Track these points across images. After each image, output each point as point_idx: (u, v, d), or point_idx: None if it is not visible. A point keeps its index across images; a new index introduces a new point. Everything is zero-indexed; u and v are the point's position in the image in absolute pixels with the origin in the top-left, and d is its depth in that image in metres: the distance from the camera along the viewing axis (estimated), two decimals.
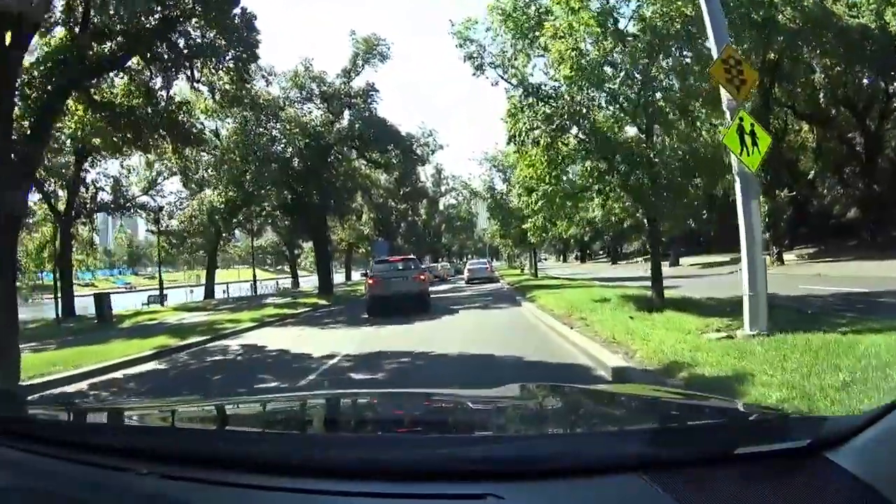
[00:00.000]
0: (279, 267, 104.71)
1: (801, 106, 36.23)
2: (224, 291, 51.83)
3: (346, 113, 33.56)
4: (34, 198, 33.25)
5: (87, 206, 35.76)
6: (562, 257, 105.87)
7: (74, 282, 38.90)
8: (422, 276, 20.82)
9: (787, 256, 35.66)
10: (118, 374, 11.16)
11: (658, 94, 11.38)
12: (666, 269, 46.85)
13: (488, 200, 35.51)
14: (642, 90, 11.51)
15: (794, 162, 40.63)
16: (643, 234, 67.94)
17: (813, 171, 40.00)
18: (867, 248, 33.77)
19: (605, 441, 1.58)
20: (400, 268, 21.18)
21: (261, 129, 29.36)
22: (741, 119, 8.85)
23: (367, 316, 19.20)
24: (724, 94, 9.18)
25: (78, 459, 1.64)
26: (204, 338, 16.00)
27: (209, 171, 32.45)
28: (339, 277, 64.95)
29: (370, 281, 20.82)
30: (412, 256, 24.21)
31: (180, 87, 22.02)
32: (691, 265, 46.50)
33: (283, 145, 31.24)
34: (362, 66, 33.64)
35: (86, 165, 32.71)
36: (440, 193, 73.19)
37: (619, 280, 28.83)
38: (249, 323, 20.09)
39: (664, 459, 1.37)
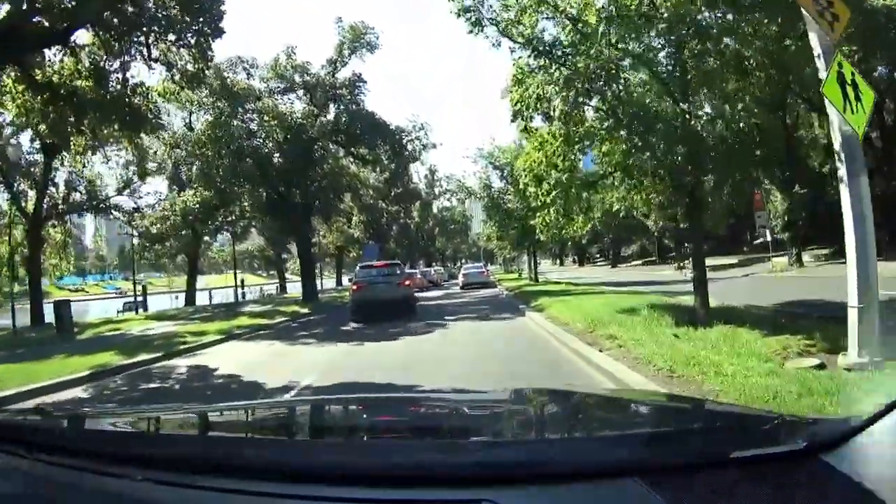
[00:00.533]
0: (271, 272, 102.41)
1: (818, 97, 33.95)
2: (208, 297, 49.56)
3: (332, 106, 31.15)
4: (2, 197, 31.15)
5: (59, 207, 33.46)
6: (558, 261, 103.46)
7: (62, 287, 36.80)
8: (406, 282, 20.25)
9: (803, 258, 33.29)
10: (32, 403, 8.74)
11: (708, 45, 8.82)
12: (668, 272, 44.62)
13: (484, 200, 32.99)
14: (686, 44, 9.01)
15: (803, 158, 38.46)
16: (644, 235, 66.52)
17: (826, 168, 37.68)
18: (884, 248, 31.46)
19: (601, 445, 1.58)
20: (384, 273, 20.61)
21: (235, 121, 26.79)
22: (840, 65, 6.45)
23: (348, 327, 17.14)
24: (814, 34, 6.75)
25: (73, 465, 1.64)
26: (155, 355, 13.72)
27: (185, 168, 29.74)
28: (330, 283, 62.64)
29: (354, 287, 20.44)
30: (397, 261, 23.50)
31: (139, 70, 19.68)
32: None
33: (260, 139, 28.76)
34: (349, 56, 31.27)
35: (56, 164, 30.52)
36: (434, 196, 70.70)
37: (630, 285, 26.45)
38: (215, 336, 17.64)
39: (660, 463, 1.38)
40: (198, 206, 31.19)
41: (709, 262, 40.02)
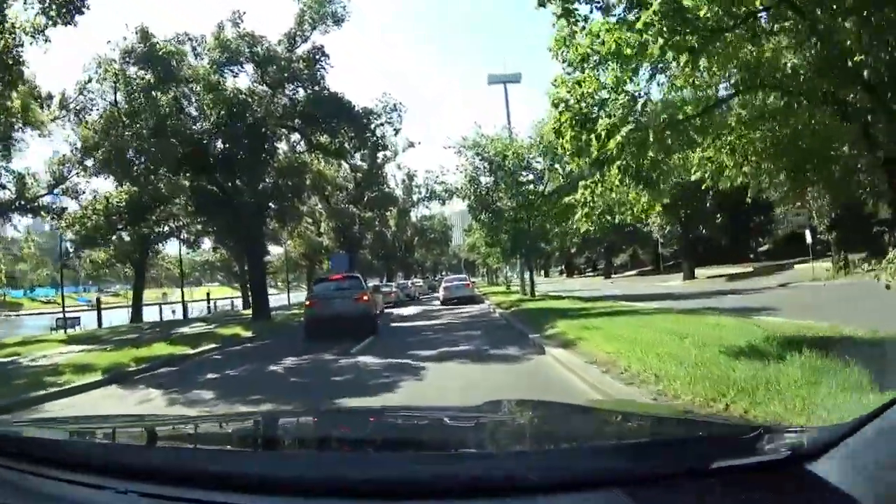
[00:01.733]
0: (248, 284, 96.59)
1: None
2: (159, 313, 44.09)
3: (288, 87, 25.87)
4: None
5: None
6: (543, 272, 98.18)
7: (35, 299, 32.36)
8: (364, 297, 18.19)
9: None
10: None
11: None
12: (674, 282, 39.81)
13: (469, 199, 27.74)
14: None
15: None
16: (639, 243, 61.65)
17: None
18: None
19: (581, 456, 1.59)
20: (341, 287, 18.47)
21: (155, 92, 21.34)
22: None
23: (279, 367, 11.97)
24: None
25: (56, 477, 1.64)
26: None
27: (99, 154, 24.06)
28: (301, 296, 56.86)
29: (308, 302, 19.00)
30: (356, 275, 20.51)
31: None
32: (709, 278, 39.44)
33: (193, 118, 23.36)
34: (310, 29, 26.09)
35: None
36: (412, 203, 65.32)
37: (647, 299, 21.46)
38: (95, 376, 12.32)
39: (640, 474, 1.38)
40: (123, 203, 25.72)
41: (719, 271, 35.33)
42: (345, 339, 14.88)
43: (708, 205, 41.20)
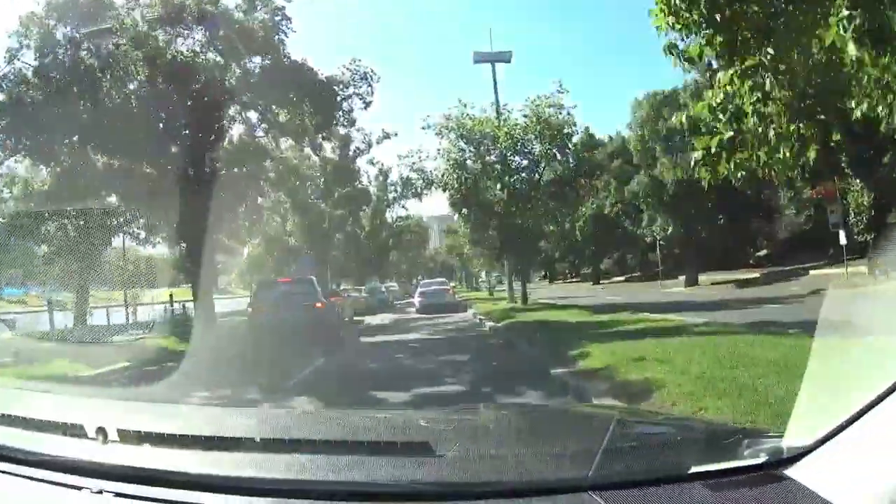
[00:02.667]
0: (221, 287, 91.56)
1: None
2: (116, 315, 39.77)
3: (243, 53, 21.86)
4: None
5: None
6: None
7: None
8: (319, 305, 15.19)
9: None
10: None
11: None
12: (680, 289, 36.39)
13: (451, 190, 23.61)
14: None
15: None
16: (627, 246, 57.90)
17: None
18: None
19: (556, 460, 1.62)
20: (290, 293, 15.40)
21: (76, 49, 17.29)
22: None
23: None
24: None
25: (28, 476, 1.65)
26: None
27: None
28: None
29: (250, 310, 16.23)
30: (310, 278, 17.26)
31: None
32: (714, 284, 36.14)
33: (123, 82, 19.28)
34: None
35: None
36: (387, 202, 61.33)
37: (670, 308, 17.92)
38: None
39: (617, 479, 1.38)
40: (47, 188, 21.51)
41: (721, 277, 31.89)
42: (292, 360, 11.40)
43: (709, 205, 37.93)
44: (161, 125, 20.88)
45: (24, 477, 1.66)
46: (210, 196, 23.42)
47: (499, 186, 21.78)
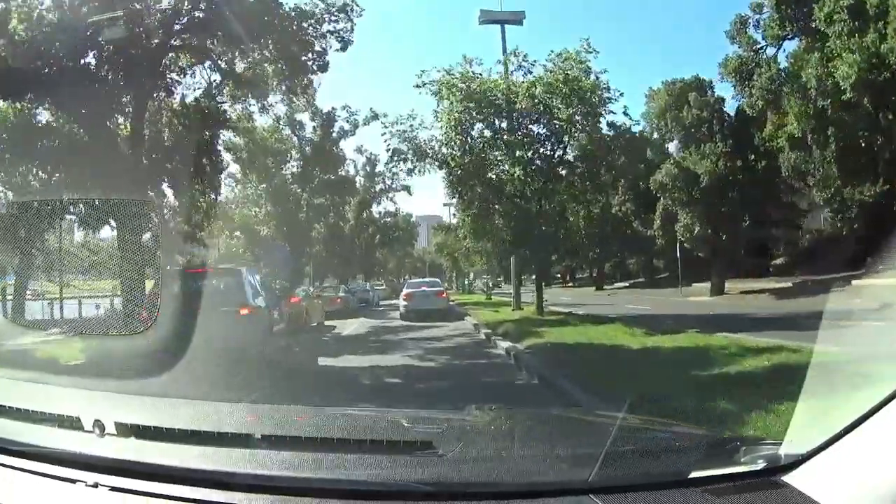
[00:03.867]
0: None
1: None
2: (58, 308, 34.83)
3: None
4: None
5: None
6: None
7: None
8: (244, 311, 10.08)
9: None
10: None
11: None
12: (705, 298, 31.79)
13: (453, 164, 18.33)
14: None
15: None
16: (636, 250, 52.92)
17: None
18: None
19: (558, 463, 1.63)
20: (199, 287, 9.90)
21: None
22: None
23: None
24: None
25: (25, 469, 1.62)
26: None
27: None
28: None
29: (144, 314, 8.97)
30: (238, 269, 12.42)
31: None
32: (743, 293, 31.63)
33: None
34: None
35: None
36: (374, 193, 56.40)
37: (722, 324, 13.29)
38: None
39: (618, 482, 1.40)
40: None
41: (746, 285, 26.69)
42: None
43: (737, 203, 33.53)
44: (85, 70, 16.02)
45: (17, 469, 1.62)
46: (152, 169, 18.78)
47: (512, 161, 16.88)
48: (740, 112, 34.65)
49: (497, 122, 17.56)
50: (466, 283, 56.45)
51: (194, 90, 19.73)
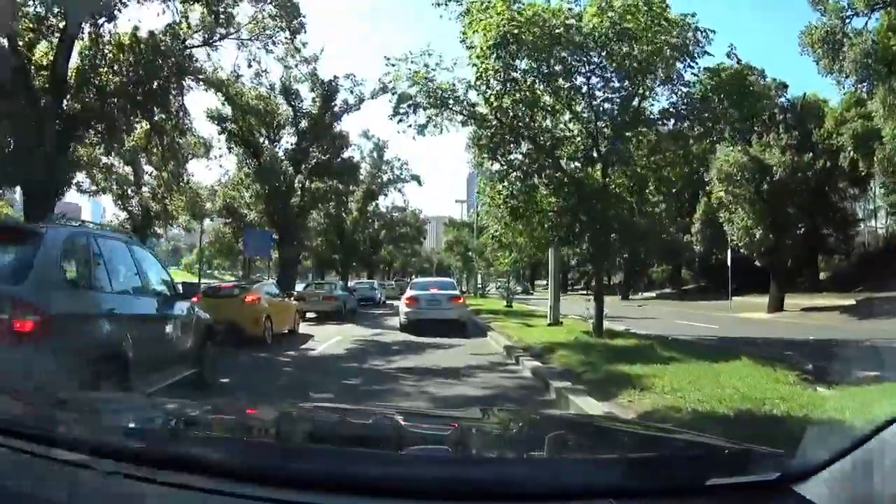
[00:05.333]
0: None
1: None
2: None
3: None
4: None
5: None
6: (526, 287, 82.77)
7: None
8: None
9: None
10: None
11: None
12: (762, 315, 26.50)
13: (488, 111, 12.86)
14: None
15: None
16: (672, 256, 46.75)
17: None
18: None
19: (577, 467, 1.57)
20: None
21: None
22: None
23: None
24: None
25: (39, 454, 1.55)
26: None
27: None
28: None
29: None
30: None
31: None
32: (805, 310, 26.73)
33: None
34: None
35: None
36: (381, 182, 51.65)
37: None
38: None
39: (636, 488, 1.38)
40: None
41: (803, 302, 22.90)
42: None
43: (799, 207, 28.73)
44: None
45: (33, 454, 1.53)
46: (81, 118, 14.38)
47: (571, 115, 11.80)
48: (806, 102, 30.31)
49: (550, 63, 12.09)
50: (480, 284, 50.80)
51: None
